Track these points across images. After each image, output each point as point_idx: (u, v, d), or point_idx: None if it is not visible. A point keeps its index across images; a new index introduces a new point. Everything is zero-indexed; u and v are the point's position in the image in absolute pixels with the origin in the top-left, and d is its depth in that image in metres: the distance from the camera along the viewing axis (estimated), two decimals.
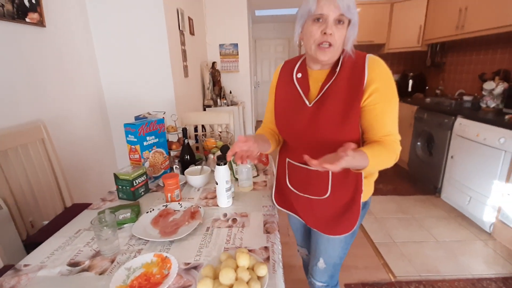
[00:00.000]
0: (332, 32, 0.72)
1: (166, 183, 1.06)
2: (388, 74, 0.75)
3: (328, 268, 0.98)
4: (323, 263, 0.97)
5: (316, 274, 1.01)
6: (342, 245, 0.94)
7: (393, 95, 0.76)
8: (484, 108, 2.39)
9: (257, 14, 5.19)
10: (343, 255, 0.97)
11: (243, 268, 0.66)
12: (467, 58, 2.99)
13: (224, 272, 0.63)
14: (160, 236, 0.85)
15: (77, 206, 1.50)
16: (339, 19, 0.71)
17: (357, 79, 0.74)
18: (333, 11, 0.70)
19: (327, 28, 0.71)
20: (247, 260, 0.68)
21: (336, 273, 1.03)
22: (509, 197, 1.84)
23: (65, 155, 1.76)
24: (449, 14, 2.78)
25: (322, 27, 0.72)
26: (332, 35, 0.72)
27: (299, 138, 0.85)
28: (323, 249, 0.96)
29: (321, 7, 0.70)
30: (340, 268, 1.03)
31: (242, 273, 0.64)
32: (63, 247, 0.83)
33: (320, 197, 0.87)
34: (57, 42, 1.75)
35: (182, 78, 2.70)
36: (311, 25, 0.74)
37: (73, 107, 1.89)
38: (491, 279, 1.61)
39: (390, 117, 0.76)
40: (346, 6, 0.69)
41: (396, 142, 0.78)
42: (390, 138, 0.77)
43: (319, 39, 0.73)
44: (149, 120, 1.25)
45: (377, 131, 0.77)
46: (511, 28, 2.10)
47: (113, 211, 0.97)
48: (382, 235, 2.06)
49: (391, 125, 0.77)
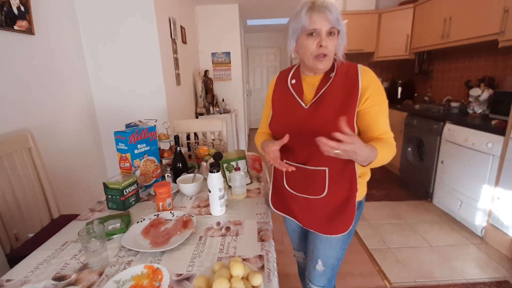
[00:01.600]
0: (326, 43, 0.79)
1: (158, 192, 1.03)
2: (378, 81, 0.84)
3: (326, 271, 0.98)
4: (321, 265, 0.97)
5: (314, 278, 1.00)
6: (339, 245, 0.95)
7: (384, 98, 0.85)
8: (471, 113, 2.45)
9: (248, 23, 5.27)
10: (341, 255, 0.97)
11: (237, 278, 0.64)
12: (453, 65, 3.08)
13: (217, 283, 0.61)
14: (151, 247, 0.82)
15: (64, 218, 1.45)
16: (331, 31, 0.79)
17: (352, 85, 0.82)
18: (325, 25, 0.77)
19: (322, 41, 0.79)
20: (241, 270, 0.66)
21: (334, 277, 1.02)
22: (499, 201, 1.87)
23: (52, 164, 1.71)
24: (434, 23, 2.88)
25: (317, 40, 0.80)
26: (326, 46, 0.79)
27: (298, 139, 0.88)
28: (321, 249, 0.96)
29: (313, 22, 0.78)
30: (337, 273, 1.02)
31: (236, 283, 0.62)
32: (48, 261, 0.80)
33: (317, 196, 0.89)
34: (46, 50, 1.73)
35: (174, 86, 2.69)
36: (306, 39, 0.81)
37: (61, 115, 1.85)
38: (485, 283, 1.62)
39: (384, 117, 0.85)
40: (335, 19, 0.77)
41: (392, 139, 0.86)
42: (387, 135, 0.85)
43: (316, 51, 0.81)
44: (140, 128, 1.23)
45: (375, 131, 0.84)
46: (493, 37, 2.18)
47: (102, 221, 0.94)
48: (376, 241, 2.06)
49: (385, 125, 0.85)
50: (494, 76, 2.52)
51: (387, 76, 3.91)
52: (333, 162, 0.85)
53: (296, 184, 0.93)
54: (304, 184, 0.91)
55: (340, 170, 0.85)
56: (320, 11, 0.76)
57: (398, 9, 3.33)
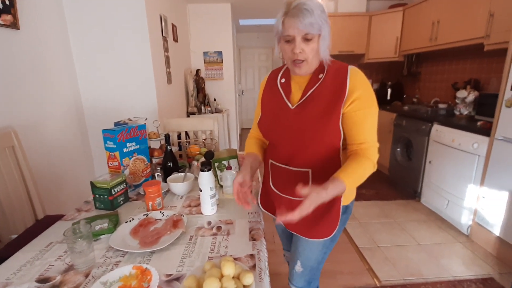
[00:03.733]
0: (301, 49, 0.76)
1: (147, 191, 1.01)
2: (368, 84, 0.80)
3: (304, 272, 0.97)
4: (300, 266, 0.96)
5: (293, 278, 1.00)
6: (320, 249, 0.93)
7: (372, 103, 0.80)
8: (457, 115, 2.52)
9: (241, 23, 5.25)
10: (321, 259, 0.96)
11: (228, 277, 0.63)
12: (441, 68, 3.16)
13: (208, 282, 0.60)
14: (139, 247, 0.80)
15: (50, 218, 1.40)
16: (306, 37, 0.75)
17: (339, 86, 0.78)
18: (298, 32, 0.74)
19: (295, 48, 0.76)
20: (232, 269, 0.65)
21: (314, 280, 1.00)
22: (484, 200, 1.92)
23: (37, 163, 1.66)
24: (423, 26, 2.94)
25: (292, 46, 0.77)
26: (302, 52, 0.77)
27: (282, 139, 0.87)
28: (301, 251, 0.95)
29: (286, 29, 0.75)
30: (319, 275, 1.01)
31: (227, 283, 0.61)
32: (31, 262, 0.77)
33: (300, 197, 0.86)
34: (32, 45, 1.67)
35: (165, 84, 2.66)
36: (284, 45, 0.79)
37: (47, 112, 1.80)
38: (471, 280, 1.66)
39: (369, 124, 0.80)
40: (308, 25, 0.72)
41: (371, 149, 0.80)
42: (364, 146, 0.80)
43: (292, 57, 0.79)
44: (129, 126, 1.21)
45: (355, 138, 0.80)
46: (479, 40, 2.24)
47: (89, 221, 0.91)
48: (366, 239, 2.08)
49: (368, 133, 0.80)
50: (480, 79, 2.59)
51: (377, 77, 3.97)
52: (316, 163, 0.84)
53: (281, 184, 0.92)
54: (288, 184, 0.89)
55: (324, 172, 0.81)
56: (294, 16, 0.72)
57: (388, 12, 3.38)
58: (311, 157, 0.84)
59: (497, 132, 1.81)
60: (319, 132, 0.79)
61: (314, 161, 0.84)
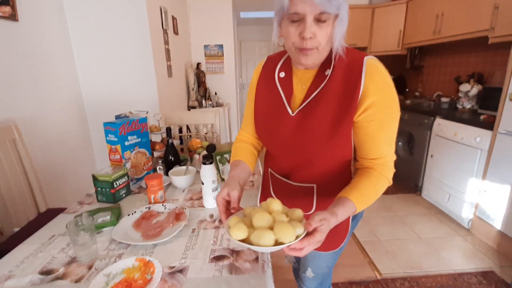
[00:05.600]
0: (313, 34, 0.58)
1: (149, 184, 1.01)
2: (388, 85, 0.63)
3: (316, 277, 0.95)
4: (311, 272, 0.94)
5: (305, 280, 0.98)
6: (330, 257, 0.89)
7: (392, 112, 0.64)
8: (460, 109, 2.50)
9: (242, 16, 5.19)
10: (331, 265, 0.93)
11: (278, 212, 0.57)
12: (444, 61, 3.12)
13: (258, 216, 0.54)
14: (142, 240, 0.80)
15: (52, 211, 1.41)
16: (319, 18, 0.57)
17: (352, 88, 0.62)
18: (310, 10, 0.55)
19: (305, 32, 0.57)
20: (280, 206, 0.59)
21: (326, 280, 0.99)
22: (486, 194, 1.92)
23: (39, 156, 1.66)
24: (426, 19, 2.89)
25: (299, 28, 0.58)
26: (314, 37, 0.58)
27: (282, 151, 0.75)
28: (311, 260, 0.91)
29: (295, 4, 0.56)
30: (332, 275, 1.00)
31: (279, 216, 0.55)
32: (34, 254, 0.77)
33: (305, 213, 0.82)
34: (31, 37, 1.65)
35: (166, 77, 2.64)
36: (288, 26, 0.60)
37: (48, 105, 1.79)
38: (471, 273, 1.67)
39: (386, 137, 0.65)
40: (325, 0, 0.54)
41: (387, 166, 0.66)
42: (380, 161, 0.66)
43: (298, 44, 0.60)
44: (130, 119, 1.20)
45: (368, 152, 0.67)
46: (483, 33, 2.21)
47: (91, 214, 0.91)
48: (367, 233, 2.09)
49: (385, 147, 0.65)
50: (483, 72, 2.56)
51: None
52: (322, 179, 0.73)
53: (283, 196, 0.81)
54: (291, 198, 0.79)
55: (331, 187, 0.70)
56: None
57: (391, 4, 3.33)
58: (316, 172, 0.73)
59: (501, 125, 1.79)
60: (324, 146, 0.66)
61: (320, 176, 0.73)
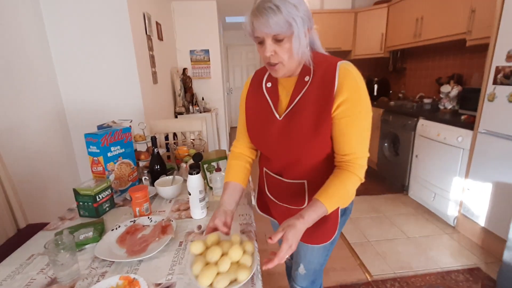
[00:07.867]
0: (273, 51, 0.68)
1: (134, 197, 0.98)
2: (358, 83, 0.70)
3: (308, 274, 0.97)
4: (303, 269, 0.96)
5: (297, 279, 1.00)
6: (321, 252, 0.93)
7: (362, 110, 0.70)
8: (442, 109, 2.57)
9: (227, 20, 5.19)
10: (323, 261, 0.96)
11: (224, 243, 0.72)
12: (425, 63, 3.22)
13: (209, 252, 0.70)
14: (127, 256, 0.77)
15: (32, 227, 1.34)
16: (276, 38, 0.67)
17: (327, 89, 0.70)
18: (266, 33, 0.66)
19: (266, 51, 0.68)
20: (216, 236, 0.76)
21: (318, 278, 1.02)
22: (469, 192, 1.98)
23: (17, 170, 1.58)
24: (407, 23, 2.98)
25: (263, 48, 0.69)
26: (275, 54, 0.69)
27: (273, 152, 0.83)
28: (303, 255, 0.95)
29: (255, 29, 0.67)
30: (323, 273, 1.03)
31: None
32: (12, 277, 0.73)
33: (297, 207, 0.86)
34: (6, 43, 1.58)
35: (150, 84, 2.59)
36: (257, 46, 0.72)
37: (26, 116, 1.71)
38: (459, 271, 1.70)
39: (356, 134, 0.71)
40: (274, 25, 0.63)
41: (356, 162, 0.72)
42: (348, 158, 0.72)
43: (266, 60, 0.72)
44: (113, 129, 1.16)
45: (339, 148, 0.73)
46: (461, 36, 2.29)
47: (73, 230, 0.88)
48: (357, 235, 2.11)
49: (356, 143, 0.72)
50: (462, 74, 2.66)
51: (364, 73, 3.87)
52: (311, 174, 0.80)
53: (276, 193, 0.90)
54: (284, 194, 0.88)
55: (321, 182, 0.75)
56: (261, 15, 0.63)
57: (373, 8, 3.42)
58: (305, 169, 0.80)
59: (480, 125, 1.86)
60: (309, 145, 0.74)
61: (309, 172, 0.80)
